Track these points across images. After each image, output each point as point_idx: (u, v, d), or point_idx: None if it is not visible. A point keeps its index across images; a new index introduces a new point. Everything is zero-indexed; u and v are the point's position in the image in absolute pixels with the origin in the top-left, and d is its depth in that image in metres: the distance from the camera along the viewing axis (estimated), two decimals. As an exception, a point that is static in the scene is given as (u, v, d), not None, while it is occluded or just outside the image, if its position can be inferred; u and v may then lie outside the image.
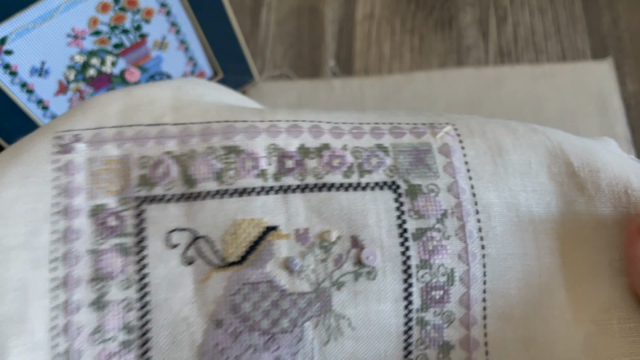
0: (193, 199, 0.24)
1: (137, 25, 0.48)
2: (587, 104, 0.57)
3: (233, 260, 0.24)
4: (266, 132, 0.25)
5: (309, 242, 0.24)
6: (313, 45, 0.61)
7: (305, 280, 0.24)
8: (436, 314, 0.24)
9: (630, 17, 0.60)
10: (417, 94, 0.58)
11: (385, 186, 0.24)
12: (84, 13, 0.44)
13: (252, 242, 0.24)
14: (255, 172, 0.24)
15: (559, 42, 0.60)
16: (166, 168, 0.24)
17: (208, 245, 0.24)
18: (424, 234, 0.24)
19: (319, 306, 0.24)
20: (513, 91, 0.58)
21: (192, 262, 0.24)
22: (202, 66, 0.56)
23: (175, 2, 0.49)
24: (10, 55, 0.44)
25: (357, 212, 0.24)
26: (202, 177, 0.24)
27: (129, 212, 0.24)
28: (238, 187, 0.24)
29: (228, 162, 0.24)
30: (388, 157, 0.25)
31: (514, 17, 0.61)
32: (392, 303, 0.24)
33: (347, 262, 0.24)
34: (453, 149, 0.25)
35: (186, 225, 0.24)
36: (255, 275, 0.24)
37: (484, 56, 0.60)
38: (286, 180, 0.24)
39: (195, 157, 0.24)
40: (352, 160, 0.25)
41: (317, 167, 0.25)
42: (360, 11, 0.62)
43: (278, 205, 0.24)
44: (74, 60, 0.47)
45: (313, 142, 0.25)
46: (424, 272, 0.24)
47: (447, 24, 0.61)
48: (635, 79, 0.58)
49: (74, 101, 0.50)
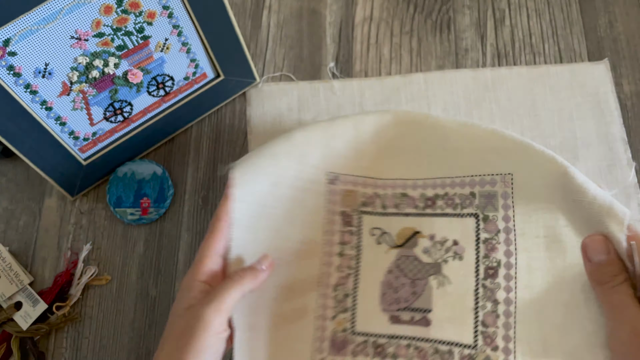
0: (384, 215, 0.48)
1: (140, 28, 0.49)
2: (584, 104, 0.57)
3: (399, 244, 0.48)
4: (420, 187, 0.48)
5: (433, 240, 0.47)
6: (313, 47, 0.62)
7: (430, 258, 0.46)
8: (491, 282, 0.45)
9: (627, 19, 0.61)
10: (415, 95, 0.59)
11: (472, 216, 0.47)
12: (88, 15, 0.45)
13: (408, 237, 0.47)
14: (413, 205, 0.48)
15: (556, 44, 0.60)
16: (373, 199, 0.49)
17: (389, 237, 0.48)
18: (487, 240, 0.46)
19: (435, 270, 0.46)
20: (510, 92, 0.58)
21: (380, 243, 0.48)
22: (204, 68, 0.56)
23: (177, 4, 0.49)
24: (14, 57, 0.44)
25: (460, 228, 0.46)
26: (389, 205, 0.48)
27: (356, 216, 0.49)
28: (404, 211, 0.48)
29: (401, 200, 0.48)
30: (475, 199, 0.47)
31: (512, 19, 0.61)
32: (470, 272, 0.45)
33: (450, 251, 0.46)
34: (507, 195, 0.46)
35: (380, 226, 0.48)
36: (408, 253, 0.47)
37: (482, 58, 0.60)
38: (427, 210, 0.48)
39: (387, 196, 0.49)
40: (458, 201, 0.47)
41: (442, 203, 0.47)
42: (360, 14, 0.63)
43: (421, 222, 0.47)
44: (77, 61, 0.47)
45: (441, 190, 0.48)
46: (485, 260, 0.45)
47: (446, 26, 0.62)
48: (631, 81, 0.58)
49: (77, 102, 0.51)
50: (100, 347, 0.53)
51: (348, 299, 0.46)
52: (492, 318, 0.44)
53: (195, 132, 0.59)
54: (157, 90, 0.55)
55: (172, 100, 0.57)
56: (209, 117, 0.60)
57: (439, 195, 0.47)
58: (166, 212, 0.56)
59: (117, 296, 0.54)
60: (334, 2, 0.63)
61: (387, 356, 0.45)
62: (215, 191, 0.57)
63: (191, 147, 0.59)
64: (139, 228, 0.56)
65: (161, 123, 0.57)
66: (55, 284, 0.53)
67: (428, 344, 0.44)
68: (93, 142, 0.55)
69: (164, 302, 0.54)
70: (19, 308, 0.52)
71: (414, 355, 0.44)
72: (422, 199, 0.48)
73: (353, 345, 0.45)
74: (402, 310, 0.45)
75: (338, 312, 0.46)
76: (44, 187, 0.58)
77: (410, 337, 0.45)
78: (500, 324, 0.44)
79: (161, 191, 0.56)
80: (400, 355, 0.44)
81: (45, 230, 0.56)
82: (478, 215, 0.46)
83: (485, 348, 0.43)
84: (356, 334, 0.46)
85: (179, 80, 0.56)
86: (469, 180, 0.47)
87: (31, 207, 0.57)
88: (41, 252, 0.56)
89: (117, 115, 0.54)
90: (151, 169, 0.56)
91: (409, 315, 0.45)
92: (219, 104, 0.59)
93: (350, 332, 0.46)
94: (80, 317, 0.53)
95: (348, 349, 0.45)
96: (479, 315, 0.44)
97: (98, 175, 0.56)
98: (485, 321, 0.44)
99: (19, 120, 0.48)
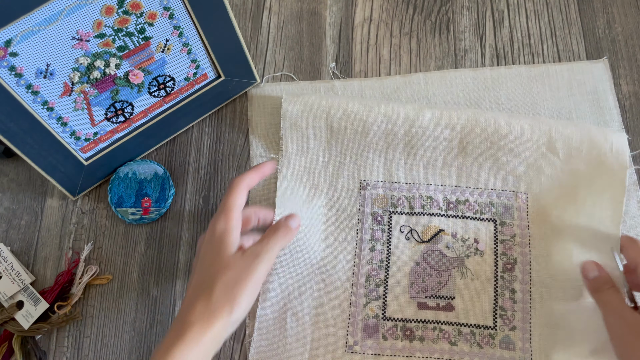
0: (412, 215, 0.55)
1: (141, 28, 0.49)
2: (583, 103, 0.58)
3: (425, 240, 0.54)
4: (442, 192, 0.55)
5: (456, 237, 0.54)
6: (313, 48, 0.62)
7: (454, 252, 0.53)
8: (509, 275, 0.52)
9: (625, 20, 0.61)
10: (415, 95, 0.59)
11: (490, 220, 0.54)
12: (89, 16, 0.45)
13: (434, 234, 0.54)
14: (437, 206, 0.55)
15: (555, 44, 0.60)
16: (402, 201, 0.55)
17: (416, 233, 0.54)
18: (505, 241, 0.53)
19: (458, 262, 0.53)
20: (509, 91, 0.59)
21: (408, 239, 0.54)
22: (205, 69, 0.57)
23: (178, 5, 0.49)
24: (16, 58, 0.44)
25: (479, 229, 0.54)
26: (416, 206, 0.55)
27: (386, 216, 0.55)
28: (430, 212, 0.54)
29: (426, 201, 0.55)
30: (493, 208, 0.54)
31: (511, 20, 0.62)
32: (490, 266, 0.53)
33: (471, 248, 0.53)
34: (522, 209, 0.54)
35: (408, 224, 0.54)
36: (434, 247, 0.54)
37: (481, 59, 0.60)
38: (449, 212, 0.54)
39: (414, 198, 0.55)
40: (478, 207, 0.54)
41: (463, 208, 0.55)
42: (360, 15, 0.63)
43: (445, 222, 0.54)
44: (78, 62, 0.48)
45: (461, 197, 0.55)
46: (503, 256, 0.53)
47: (445, 27, 0.62)
48: (630, 81, 0.58)
49: (79, 102, 0.51)
50: (102, 346, 0.53)
51: (379, 288, 0.53)
52: (510, 303, 0.52)
53: (196, 133, 0.59)
54: (158, 90, 0.55)
55: (173, 101, 0.58)
56: (209, 118, 0.60)
57: (460, 200, 0.55)
58: (167, 212, 0.56)
59: (119, 295, 0.54)
60: (334, 4, 0.64)
61: (415, 339, 0.51)
62: (215, 191, 0.57)
63: (192, 147, 0.59)
64: (140, 228, 0.56)
65: (162, 123, 0.57)
66: (56, 283, 0.54)
67: (451, 327, 0.51)
68: (94, 142, 0.55)
69: (165, 301, 0.54)
70: (21, 307, 0.53)
71: (439, 337, 0.51)
72: (444, 202, 0.55)
73: (384, 330, 0.51)
74: (429, 298, 0.52)
75: (370, 300, 0.52)
76: (46, 187, 0.58)
77: (436, 321, 0.52)
78: (517, 308, 0.51)
79: (162, 191, 0.56)
80: (427, 337, 0.51)
81: (47, 229, 0.56)
82: (496, 220, 0.54)
83: (504, 328, 0.51)
84: (387, 320, 0.52)
85: (179, 81, 0.56)
86: (488, 192, 0.55)
87: (33, 206, 0.57)
88: (43, 252, 0.56)
89: (119, 115, 0.55)
90: (152, 169, 0.57)
91: (434, 302, 0.52)
92: (219, 105, 0.59)
93: (382, 317, 0.52)
94: (82, 316, 0.54)
95: (379, 333, 0.51)
96: (498, 301, 0.52)
97: (99, 175, 0.57)
98: (504, 306, 0.52)
99: (21, 120, 0.48)
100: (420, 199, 0.55)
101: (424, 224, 0.54)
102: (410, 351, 0.51)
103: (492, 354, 0.50)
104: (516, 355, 0.50)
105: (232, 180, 0.50)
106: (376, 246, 0.54)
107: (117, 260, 0.55)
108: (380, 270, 0.53)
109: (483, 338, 0.51)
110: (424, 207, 0.54)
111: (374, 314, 0.52)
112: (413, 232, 0.54)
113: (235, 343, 0.53)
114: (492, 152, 0.54)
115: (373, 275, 0.53)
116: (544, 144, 0.53)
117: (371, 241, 0.54)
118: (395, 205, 0.55)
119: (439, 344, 0.51)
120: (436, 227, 0.54)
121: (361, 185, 0.55)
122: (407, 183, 0.55)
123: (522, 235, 0.53)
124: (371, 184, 0.55)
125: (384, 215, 0.54)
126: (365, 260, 0.53)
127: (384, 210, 0.55)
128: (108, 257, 0.55)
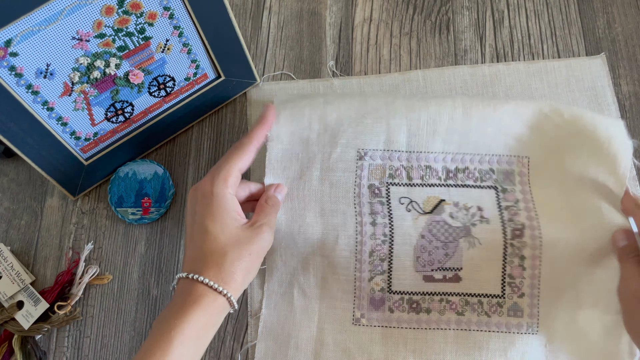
0: (410, 186, 0.53)
1: (141, 28, 0.49)
2: (581, 99, 0.58)
3: (427, 211, 0.52)
4: (442, 160, 0.53)
5: (459, 206, 0.52)
6: (313, 48, 0.62)
7: (459, 222, 0.51)
8: (518, 241, 0.50)
9: (625, 20, 0.61)
10: (414, 92, 0.59)
11: (492, 188, 0.53)
12: (89, 16, 0.45)
13: (435, 205, 0.52)
14: (436, 176, 0.53)
15: (555, 44, 0.60)
16: (400, 171, 0.53)
17: (417, 205, 0.52)
18: (509, 207, 0.52)
19: (464, 232, 0.51)
20: (508, 88, 0.59)
21: (409, 210, 0.52)
22: (205, 69, 0.57)
23: (178, 5, 0.49)
24: (16, 58, 0.44)
25: (481, 197, 0.52)
26: (415, 177, 0.53)
27: (384, 188, 0.53)
28: (429, 182, 0.53)
29: (425, 172, 0.53)
30: (494, 174, 0.53)
31: (511, 20, 0.62)
32: (498, 234, 0.51)
33: (476, 216, 0.52)
34: (523, 173, 0.53)
35: (407, 196, 0.52)
36: (437, 218, 0.52)
37: (481, 59, 0.60)
38: (449, 182, 0.53)
39: (412, 168, 0.53)
40: (478, 175, 0.53)
41: (463, 176, 0.53)
42: (360, 15, 0.63)
43: (445, 191, 0.52)
44: (78, 62, 0.48)
45: (461, 165, 0.53)
46: (510, 222, 0.51)
47: (445, 27, 0.62)
48: (630, 81, 0.58)
49: (79, 102, 0.51)
50: (102, 346, 0.53)
51: (384, 263, 0.51)
52: (519, 271, 0.50)
53: (196, 132, 0.59)
54: (158, 90, 0.55)
55: (173, 101, 0.58)
56: (209, 118, 0.60)
57: (459, 169, 0.53)
58: (167, 212, 0.56)
59: (119, 295, 0.54)
60: (334, 4, 0.64)
61: (422, 310, 0.51)
62: (215, 191, 0.57)
63: (192, 147, 0.59)
64: (140, 228, 0.56)
65: (162, 123, 0.57)
66: (56, 283, 0.54)
67: (458, 298, 0.51)
68: (94, 142, 0.55)
69: (165, 301, 0.54)
70: (21, 307, 0.53)
71: (446, 308, 0.51)
72: (444, 171, 0.53)
73: (390, 303, 0.51)
74: (435, 270, 0.51)
75: (375, 275, 0.51)
76: (46, 187, 0.58)
77: (443, 293, 0.51)
78: (526, 275, 0.50)
79: (162, 191, 0.56)
80: (434, 309, 0.51)
81: (47, 229, 0.56)
82: (497, 187, 0.53)
83: (513, 295, 0.50)
84: (392, 293, 0.51)
85: (179, 81, 0.56)
86: (488, 158, 0.53)
87: (33, 206, 0.57)
88: (43, 252, 0.56)
89: (119, 115, 0.55)
90: (152, 169, 0.57)
91: (441, 274, 0.51)
92: (219, 105, 0.60)
93: (387, 291, 0.51)
94: (82, 316, 0.54)
95: (385, 306, 0.51)
96: (507, 269, 0.51)
97: (99, 175, 0.57)
98: (513, 274, 0.51)
99: (21, 120, 0.48)
100: (419, 169, 0.53)
101: (424, 195, 0.52)
102: (417, 323, 0.51)
103: (499, 322, 0.50)
104: (523, 321, 0.50)
105: (240, 141, 0.48)
106: (377, 220, 0.52)
107: (117, 260, 0.55)
108: (384, 244, 0.51)
109: (491, 307, 0.50)
110: (422, 177, 0.53)
111: (379, 288, 0.51)
112: (413, 203, 0.52)
113: (236, 343, 0.53)
114: (497, 115, 0.51)
115: (377, 251, 0.51)
116: (547, 106, 0.52)
117: (371, 215, 0.52)
118: (392, 177, 0.53)
119: (445, 315, 0.50)
120: (437, 198, 0.52)
121: (359, 155, 0.52)
122: (407, 151, 0.53)
123: (525, 200, 0.52)
124: (369, 153, 0.52)
125: (381, 187, 0.52)
126: (367, 236, 0.51)
127: (381, 182, 0.52)
128: (108, 257, 0.55)
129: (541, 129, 0.52)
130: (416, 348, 0.50)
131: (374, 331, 0.51)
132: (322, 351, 0.51)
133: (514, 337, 0.50)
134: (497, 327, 0.50)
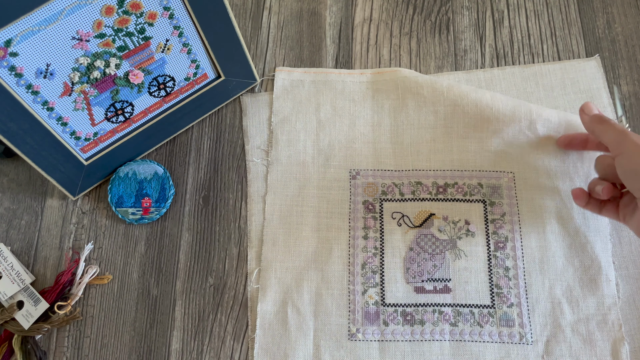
0: (402, 201, 0.56)
1: (141, 28, 0.49)
2: (577, 101, 0.58)
3: (417, 225, 0.55)
4: (432, 177, 0.56)
5: (447, 220, 0.55)
6: (313, 48, 0.62)
7: (446, 235, 0.54)
8: (501, 253, 0.54)
9: (625, 20, 0.61)
10: (415, 95, 0.59)
11: (480, 201, 0.55)
12: (89, 16, 0.45)
13: (425, 218, 0.55)
14: (427, 191, 0.56)
15: (555, 44, 0.60)
16: (392, 189, 0.56)
17: (408, 219, 0.55)
18: (495, 220, 0.55)
19: (451, 245, 0.54)
20: (503, 92, 0.59)
21: (400, 225, 0.55)
22: (205, 69, 0.57)
23: (178, 5, 0.49)
24: (16, 58, 0.44)
25: (468, 210, 0.55)
26: (406, 192, 0.56)
27: (377, 204, 0.55)
28: (420, 197, 0.56)
29: (416, 187, 0.56)
30: (482, 189, 0.56)
31: (511, 20, 0.62)
32: (482, 246, 0.54)
33: (463, 229, 0.54)
34: (510, 187, 0.55)
35: (399, 210, 0.55)
36: (426, 232, 0.54)
37: (481, 59, 0.60)
38: (438, 196, 0.55)
39: (404, 185, 0.56)
40: (466, 189, 0.56)
41: (452, 190, 0.56)
42: (360, 15, 0.63)
43: (435, 205, 0.55)
44: (78, 62, 0.48)
45: (450, 181, 0.56)
46: (494, 235, 0.54)
47: (445, 27, 0.62)
48: (630, 81, 0.58)
49: (79, 102, 0.51)
50: (102, 346, 0.53)
51: (376, 275, 0.54)
52: (505, 281, 0.53)
53: (196, 132, 0.59)
54: (158, 90, 0.55)
55: (173, 101, 0.58)
56: (209, 118, 0.60)
57: (449, 184, 0.56)
58: (167, 212, 0.56)
59: (119, 295, 0.54)
60: (334, 4, 0.64)
61: (416, 322, 0.52)
62: (215, 191, 0.57)
63: (192, 147, 0.59)
64: (140, 228, 0.56)
65: (162, 123, 0.57)
66: (56, 283, 0.54)
67: (451, 308, 0.53)
68: (94, 142, 0.55)
69: (165, 301, 0.54)
70: (21, 307, 0.53)
71: (440, 319, 0.52)
72: (434, 187, 0.56)
73: (385, 316, 0.53)
74: (425, 282, 0.53)
75: (368, 288, 0.53)
76: (46, 187, 0.58)
77: (435, 304, 0.53)
78: (512, 285, 0.53)
79: (162, 191, 0.56)
80: (427, 320, 0.52)
81: (47, 229, 0.56)
82: (485, 201, 0.55)
83: (502, 305, 0.52)
84: (386, 305, 0.53)
85: (179, 81, 0.56)
86: (477, 173, 0.56)
87: (33, 206, 0.57)
88: (43, 252, 0.56)
89: (119, 115, 0.55)
90: (152, 169, 0.57)
91: (431, 285, 0.53)
92: (219, 105, 0.60)
93: (381, 304, 0.53)
94: (82, 316, 0.54)
95: (380, 319, 0.53)
96: (493, 279, 0.53)
97: (99, 175, 0.57)
98: (499, 284, 0.53)
99: (21, 120, 0.48)
100: (409, 185, 0.56)
101: (415, 209, 0.55)
102: (412, 335, 0.52)
103: (492, 332, 0.52)
104: (515, 331, 0.51)
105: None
106: (369, 234, 0.55)
107: (117, 260, 0.55)
108: (375, 257, 0.54)
109: (482, 317, 0.52)
110: (414, 192, 0.56)
111: (373, 301, 0.53)
112: (405, 217, 0.55)
113: (236, 343, 0.53)
114: (477, 135, 0.56)
115: (369, 263, 0.54)
116: (525, 125, 0.55)
117: (364, 229, 0.55)
118: (385, 193, 0.56)
119: (439, 326, 0.52)
120: (427, 212, 0.55)
121: (351, 175, 0.57)
122: (397, 170, 0.56)
123: (511, 213, 0.55)
124: (361, 172, 0.57)
125: (374, 203, 0.55)
126: (359, 249, 0.54)
127: (375, 198, 0.56)
128: (108, 257, 0.55)
129: (520, 146, 0.55)
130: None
131: (370, 345, 0.52)
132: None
133: (509, 348, 0.51)
134: (490, 337, 0.51)
